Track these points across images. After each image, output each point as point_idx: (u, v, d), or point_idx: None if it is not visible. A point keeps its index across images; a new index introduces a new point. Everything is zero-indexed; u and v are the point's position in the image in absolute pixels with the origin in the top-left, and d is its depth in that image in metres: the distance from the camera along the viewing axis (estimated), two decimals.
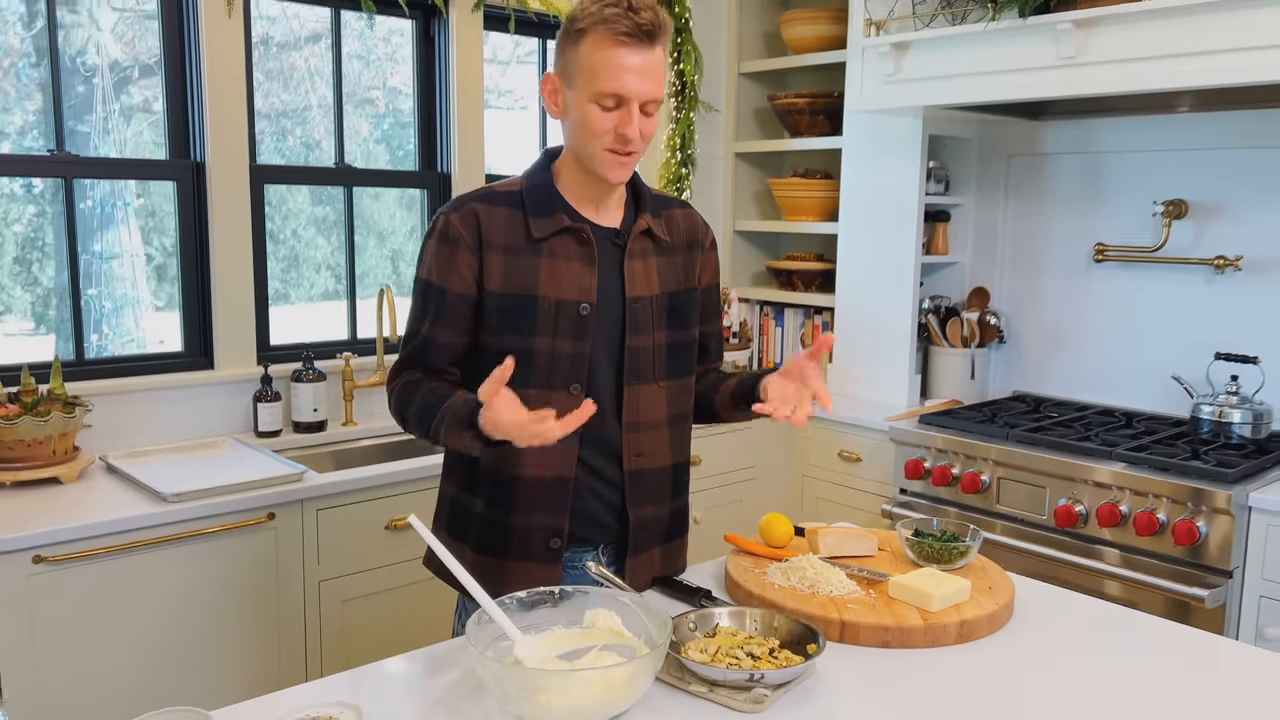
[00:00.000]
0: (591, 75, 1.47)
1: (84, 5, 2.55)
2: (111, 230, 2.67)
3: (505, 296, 1.54)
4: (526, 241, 1.55)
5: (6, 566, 1.92)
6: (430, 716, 1.22)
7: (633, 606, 1.35)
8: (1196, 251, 2.90)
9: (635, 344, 1.60)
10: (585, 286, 1.55)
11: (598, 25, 1.45)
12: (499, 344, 1.55)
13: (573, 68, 1.49)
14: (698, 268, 1.70)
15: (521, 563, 1.58)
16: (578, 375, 1.56)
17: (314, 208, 3.02)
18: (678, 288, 1.66)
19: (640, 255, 1.61)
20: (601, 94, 1.47)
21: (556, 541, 1.59)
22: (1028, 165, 3.26)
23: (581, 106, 1.49)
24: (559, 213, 1.56)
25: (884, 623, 1.44)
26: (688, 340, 1.68)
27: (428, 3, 2.99)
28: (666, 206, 1.69)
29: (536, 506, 1.58)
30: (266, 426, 2.69)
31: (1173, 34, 2.29)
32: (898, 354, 3.27)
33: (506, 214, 1.56)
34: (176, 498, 2.12)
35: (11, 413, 2.19)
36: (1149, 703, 1.29)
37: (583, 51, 1.47)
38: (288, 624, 2.29)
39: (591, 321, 1.56)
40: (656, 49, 1.48)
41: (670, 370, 1.65)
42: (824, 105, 3.56)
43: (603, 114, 1.48)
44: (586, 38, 1.47)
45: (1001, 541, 2.64)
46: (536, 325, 1.54)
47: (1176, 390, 2.91)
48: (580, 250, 1.56)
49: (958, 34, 2.64)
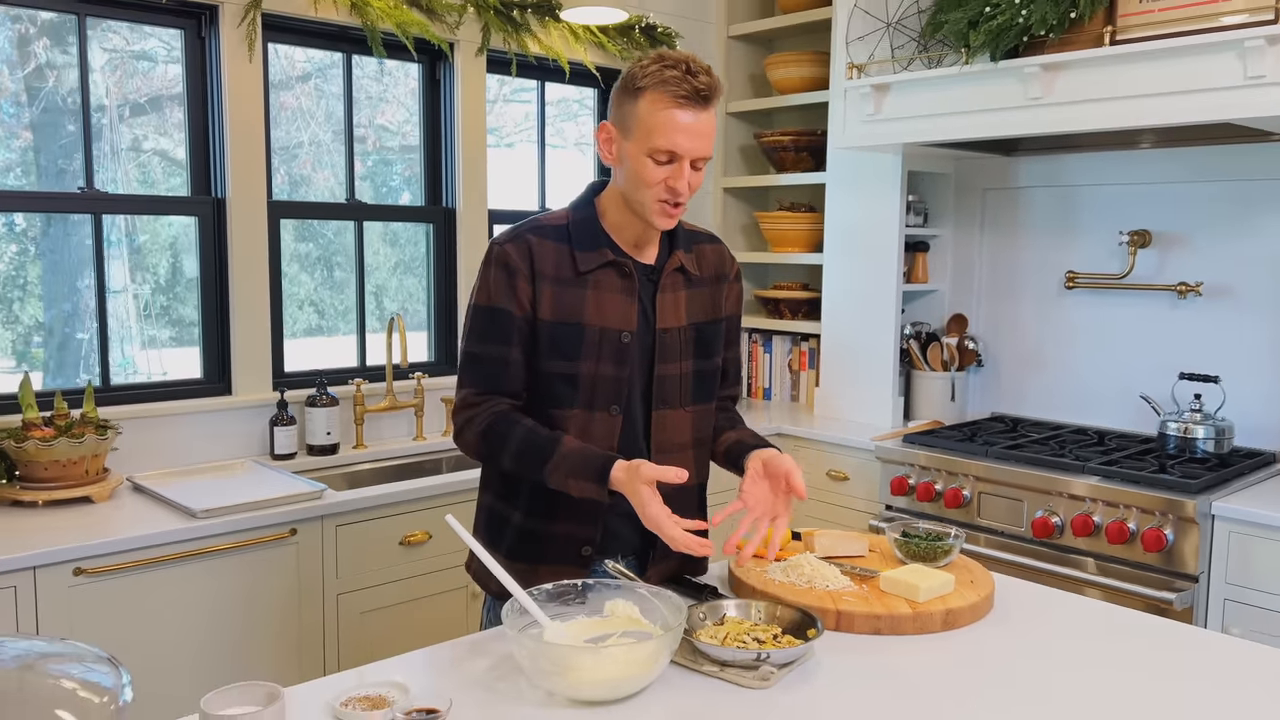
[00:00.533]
0: (649, 131, 1.58)
1: (76, 46, 2.69)
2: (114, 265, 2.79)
3: (555, 325, 1.65)
4: (574, 274, 1.66)
5: (49, 578, 2.04)
6: (469, 693, 1.35)
7: (649, 597, 1.49)
8: (1160, 278, 3.08)
9: (663, 372, 1.72)
10: (626, 316, 1.68)
11: (658, 86, 1.57)
12: (548, 367, 1.67)
13: (630, 121, 1.61)
14: (724, 298, 1.82)
15: (555, 567, 1.69)
16: (618, 398, 1.68)
17: (297, 244, 3.12)
18: (705, 319, 1.77)
19: (671, 289, 1.73)
20: (657, 150, 1.58)
21: (588, 549, 1.70)
22: (1002, 198, 3.45)
23: (637, 159, 1.60)
24: (603, 247, 1.68)
25: (876, 612, 1.58)
26: (713, 369, 1.80)
27: (434, 47, 3.16)
28: (697, 241, 1.80)
29: (572, 518, 1.69)
30: (282, 449, 2.81)
31: (1131, 77, 2.48)
32: (881, 378, 3.43)
33: (555, 247, 1.67)
34: (206, 514, 2.24)
35: (48, 435, 2.31)
36: (1119, 678, 1.44)
37: (642, 108, 1.59)
38: (309, 634, 2.40)
39: (633, 349, 1.68)
40: (710, 110, 1.61)
41: (695, 396, 1.77)
42: (808, 142, 3.75)
43: (656, 167, 1.59)
44: (645, 95, 1.58)
45: (983, 553, 2.80)
46: (582, 351, 1.66)
47: (1145, 409, 3.08)
48: (622, 283, 1.68)
49: (934, 76, 2.83)
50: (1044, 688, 1.40)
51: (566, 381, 1.66)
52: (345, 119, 3.11)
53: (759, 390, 3.97)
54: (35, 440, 2.28)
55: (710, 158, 1.65)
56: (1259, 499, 2.49)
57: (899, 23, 2.93)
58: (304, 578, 2.38)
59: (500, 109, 3.59)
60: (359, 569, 2.48)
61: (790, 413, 3.68)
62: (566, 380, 1.66)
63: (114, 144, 2.75)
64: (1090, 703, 1.36)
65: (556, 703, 1.33)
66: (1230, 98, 2.34)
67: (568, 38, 3.42)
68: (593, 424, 1.67)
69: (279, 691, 1.18)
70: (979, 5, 2.61)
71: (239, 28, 2.74)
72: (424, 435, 3.14)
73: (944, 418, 3.44)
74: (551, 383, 1.68)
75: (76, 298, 2.72)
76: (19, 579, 2.00)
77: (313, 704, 1.32)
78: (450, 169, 3.30)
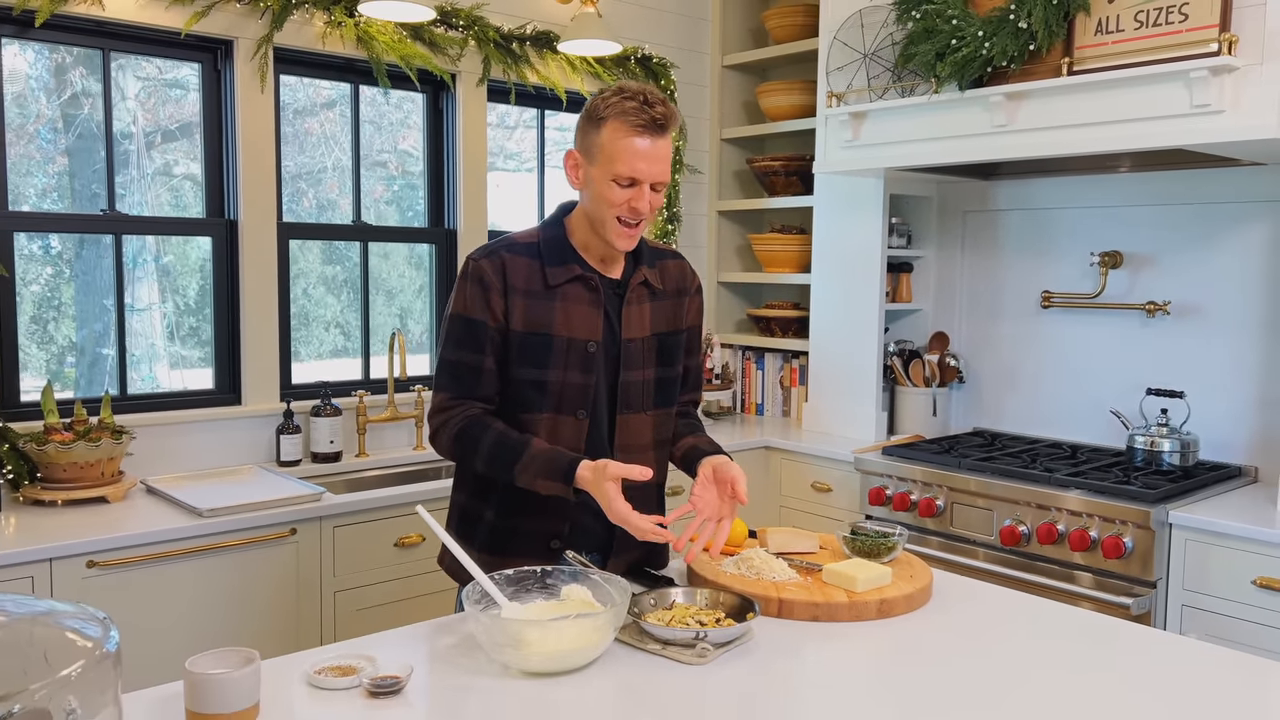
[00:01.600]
0: (610, 158, 1.73)
1: (111, 75, 2.90)
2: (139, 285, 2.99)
3: (526, 335, 1.78)
4: (544, 287, 1.80)
5: (64, 570, 2.20)
6: (433, 664, 1.50)
7: (602, 583, 1.62)
8: (1131, 297, 3.19)
9: (627, 379, 1.85)
10: (593, 327, 1.81)
11: (618, 116, 1.72)
12: (519, 374, 1.80)
13: (594, 149, 1.76)
14: (685, 310, 1.96)
15: (524, 559, 1.79)
16: (584, 403, 1.82)
17: (324, 267, 3.32)
18: (667, 329, 1.91)
19: (636, 302, 1.86)
20: (619, 176, 1.73)
21: (556, 543, 1.84)
22: (982, 221, 3.58)
23: (601, 183, 1.75)
24: (571, 263, 1.81)
25: (815, 600, 1.71)
26: (674, 376, 1.93)
27: (437, 78, 3.34)
28: (661, 257, 1.94)
29: (542, 514, 1.82)
30: (288, 456, 2.98)
31: (1088, 106, 2.61)
32: (865, 394, 3.55)
33: (526, 262, 1.80)
34: (211, 513, 2.40)
35: (67, 439, 2.49)
36: (1040, 663, 1.56)
37: (604, 137, 1.73)
38: (307, 628, 2.55)
39: (598, 357, 1.82)
40: (666, 138, 1.76)
41: (657, 401, 1.90)
42: (797, 167, 3.90)
43: (618, 190, 1.74)
44: (607, 125, 1.73)
45: (954, 560, 2.91)
46: (550, 360, 1.79)
47: (1116, 423, 3.19)
48: (589, 296, 1.81)
49: (906, 105, 2.98)
50: (968, 672, 1.52)
51: (536, 387, 1.80)
52: (352, 146, 3.30)
53: (751, 406, 4.10)
54: (55, 443, 2.46)
55: (667, 182, 1.79)
56: (1217, 509, 2.59)
57: (874, 54, 3.08)
58: (303, 575, 2.54)
59: (520, 135, 3.76)
60: (355, 568, 2.62)
61: (781, 427, 3.81)
62: (536, 386, 1.80)
63: (142, 169, 2.95)
64: (1010, 685, 1.48)
65: (510, 675, 1.46)
66: (1178, 125, 2.46)
67: (565, 69, 3.60)
68: (561, 427, 1.82)
69: (255, 656, 1.32)
70: (945, 38, 2.75)
71: (252, 61, 2.93)
72: (423, 445, 3.30)
73: (926, 432, 3.55)
74: (522, 388, 1.82)
75: (106, 317, 2.91)
76: (36, 570, 2.16)
77: (290, 672, 1.46)
78: (452, 192, 3.47)
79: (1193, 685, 1.48)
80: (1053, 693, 1.44)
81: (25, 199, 2.72)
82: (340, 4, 3.04)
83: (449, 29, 3.29)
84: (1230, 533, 2.48)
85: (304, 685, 1.42)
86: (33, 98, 2.74)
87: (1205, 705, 1.41)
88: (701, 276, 4.12)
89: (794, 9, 3.90)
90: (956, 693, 1.43)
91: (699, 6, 4.06)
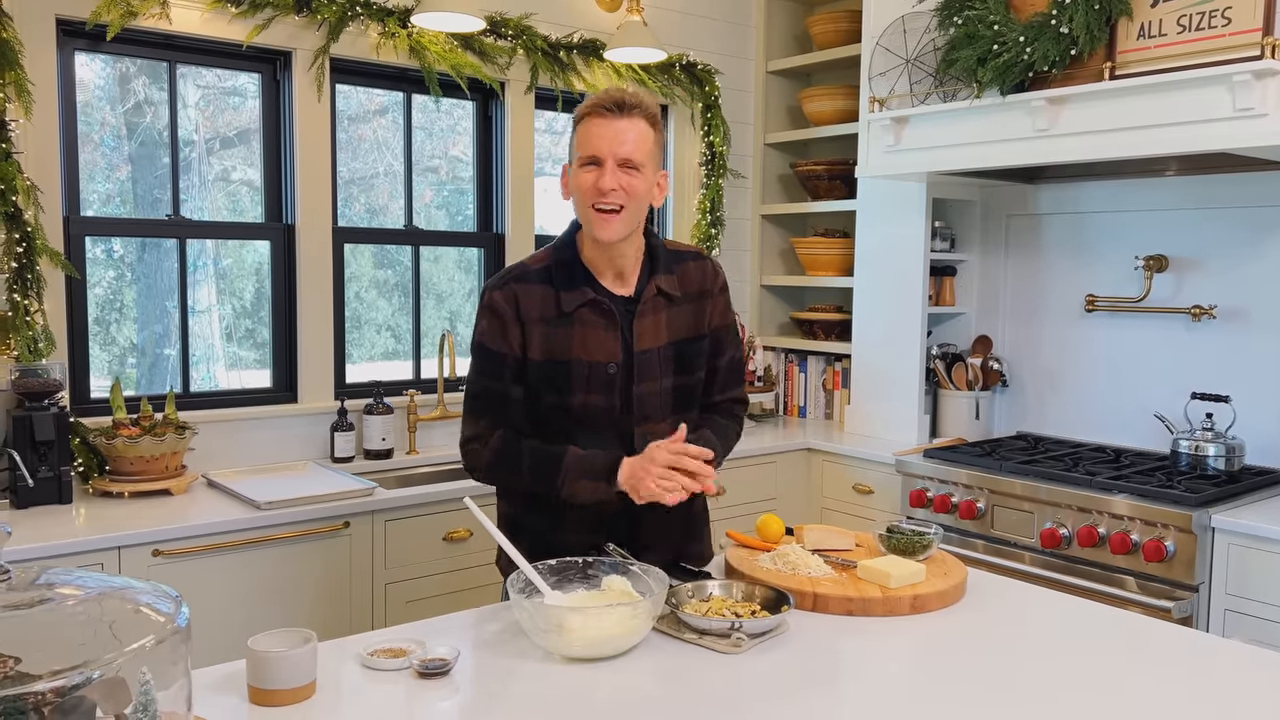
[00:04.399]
0: (579, 146, 1.78)
1: (176, 85, 3.02)
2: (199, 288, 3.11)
3: (545, 363, 1.81)
4: (558, 313, 1.81)
5: (132, 558, 2.31)
6: (479, 649, 1.57)
7: (641, 575, 1.68)
8: (1176, 301, 3.18)
9: (641, 390, 1.86)
10: (611, 349, 1.83)
11: (585, 109, 1.78)
12: (542, 401, 1.84)
13: (571, 150, 1.81)
14: (708, 312, 1.93)
15: None
16: (610, 421, 1.85)
17: (376, 271, 3.42)
18: (686, 335, 1.90)
19: (651, 313, 1.85)
20: (583, 159, 1.76)
21: (593, 554, 1.86)
22: (1025, 225, 3.58)
23: (578, 175, 1.78)
24: (583, 286, 1.82)
25: (849, 594, 1.75)
26: (694, 382, 1.93)
27: (486, 87, 3.43)
28: (680, 260, 1.91)
29: (583, 528, 1.88)
30: (341, 453, 3.08)
31: (1130, 110, 2.62)
32: (908, 397, 3.57)
33: (540, 290, 1.82)
34: (269, 505, 2.50)
35: (134, 434, 2.61)
36: (1075, 662, 1.59)
37: (576, 132, 1.80)
38: (358, 619, 2.64)
39: (619, 378, 1.84)
40: (635, 120, 1.76)
41: (676, 408, 1.91)
42: (840, 171, 3.93)
43: (585, 174, 1.76)
44: (578, 123, 1.79)
45: (994, 562, 2.92)
46: (572, 385, 1.82)
47: (1161, 428, 3.17)
48: (603, 319, 1.82)
49: (948, 110, 3.00)
50: (1001, 667, 1.56)
51: (560, 411, 1.85)
52: (405, 152, 3.40)
53: (794, 408, 4.14)
54: (123, 438, 2.58)
55: (638, 164, 1.75)
56: (1261, 514, 2.58)
57: (917, 59, 3.10)
58: (355, 567, 2.63)
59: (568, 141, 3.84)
60: (405, 561, 2.71)
61: (824, 430, 3.84)
62: (560, 410, 1.85)
63: (202, 174, 3.08)
64: (1043, 682, 1.51)
65: (552, 660, 1.53)
66: (1221, 129, 2.46)
67: (611, 76, 3.66)
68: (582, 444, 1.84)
69: (313, 636, 1.40)
70: (987, 43, 2.78)
71: (309, 71, 3.04)
72: None
73: (969, 436, 3.56)
74: (548, 413, 1.86)
75: (167, 319, 3.04)
76: (105, 557, 2.28)
77: (345, 653, 1.54)
78: (500, 198, 3.56)
79: (1233, 687, 1.49)
80: (1087, 690, 1.47)
81: (90, 204, 2.85)
82: (394, 16, 3.14)
83: (498, 38, 3.38)
84: (1275, 537, 2.47)
85: (358, 665, 1.50)
86: (98, 106, 2.87)
87: (1244, 707, 1.43)
88: (745, 280, 4.18)
89: (838, 15, 3.94)
90: (989, 688, 1.47)
91: (743, 13, 4.11)
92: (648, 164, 1.79)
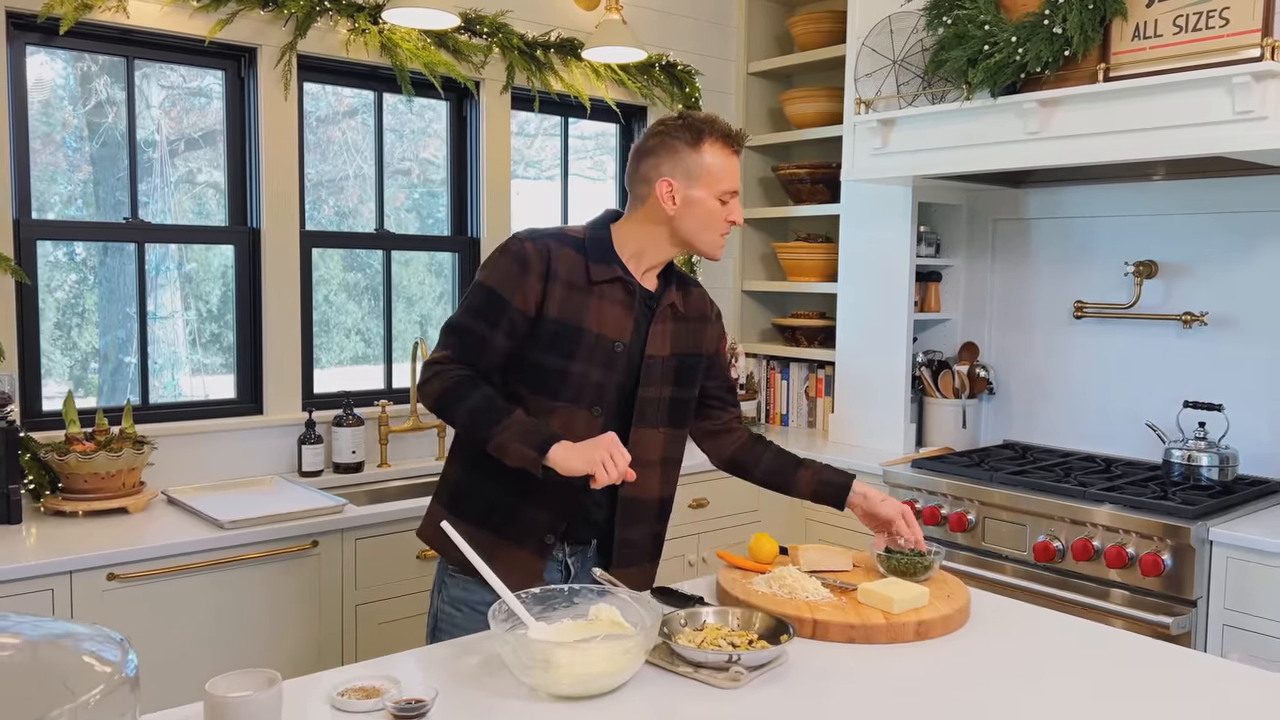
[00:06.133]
0: (717, 179, 1.84)
1: (135, 83, 2.89)
2: (162, 292, 2.97)
3: (560, 323, 1.81)
4: (585, 281, 1.83)
5: (84, 582, 2.17)
6: (458, 687, 1.46)
7: (631, 603, 1.58)
8: (1166, 308, 3.13)
9: (645, 394, 1.89)
10: (623, 329, 1.85)
11: (717, 140, 1.84)
12: (541, 360, 1.82)
13: (697, 171, 1.83)
14: (706, 337, 2.01)
15: (515, 551, 1.84)
16: (600, 399, 1.84)
17: (345, 274, 3.30)
18: (687, 351, 1.96)
19: (663, 320, 1.91)
20: (725, 192, 1.85)
21: (551, 538, 1.85)
22: (1012, 229, 3.52)
23: (707, 202, 1.84)
24: (614, 264, 1.86)
25: (850, 621, 1.66)
26: (689, 398, 1.99)
27: (461, 86, 3.32)
28: (685, 283, 2.00)
29: (544, 504, 1.84)
30: (310, 467, 2.95)
31: (1125, 112, 2.55)
32: (893, 405, 3.50)
33: (572, 254, 1.84)
34: (233, 524, 2.37)
35: (88, 449, 2.47)
36: (1086, 690, 1.50)
37: (707, 160, 1.83)
38: (328, 642, 2.52)
39: (622, 358, 1.85)
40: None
41: (671, 420, 1.95)
42: (823, 175, 3.85)
43: (722, 208, 1.85)
44: (707, 149, 1.83)
45: (985, 576, 2.84)
46: (577, 351, 1.82)
47: (1151, 437, 3.11)
48: (625, 298, 1.86)
49: (937, 112, 2.92)
50: (1009, 697, 1.47)
51: (558, 376, 1.82)
52: (376, 153, 3.28)
53: (776, 416, 4.05)
54: (76, 454, 2.44)
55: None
56: (1259, 526, 2.52)
57: (904, 60, 3.03)
58: (324, 588, 2.50)
59: (541, 143, 3.74)
60: (377, 581, 2.59)
61: (807, 438, 3.75)
62: (558, 375, 1.82)
63: (165, 176, 2.94)
64: (1053, 712, 1.42)
65: (538, 698, 1.42)
66: (1220, 132, 2.40)
67: (589, 76, 3.56)
68: (575, 420, 1.83)
69: (277, 677, 1.29)
70: (978, 44, 2.70)
71: (275, 69, 2.91)
72: (446, 455, 3.26)
73: (955, 444, 3.49)
74: (544, 376, 1.83)
75: (130, 324, 2.90)
76: (56, 582, 2.14)
77: (312, 693, 1.42)
78: (475, 201, 3.45)
79: (1239, 711, 1.42)
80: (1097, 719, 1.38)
81: (50, 206, 2.71)
82: (364, 11, 3.02)
83: (473, 36, 3.27)
84: (1274, 550, 2.41)
85: (326, 707, 1.38)
86: (58, 106, 2.73)
87: None
88: (726, 286, 4.09)
89: (820, 15, 3.86)
90: (998, 719, 1.38)
91: (724, 13, 4.02)
92: None
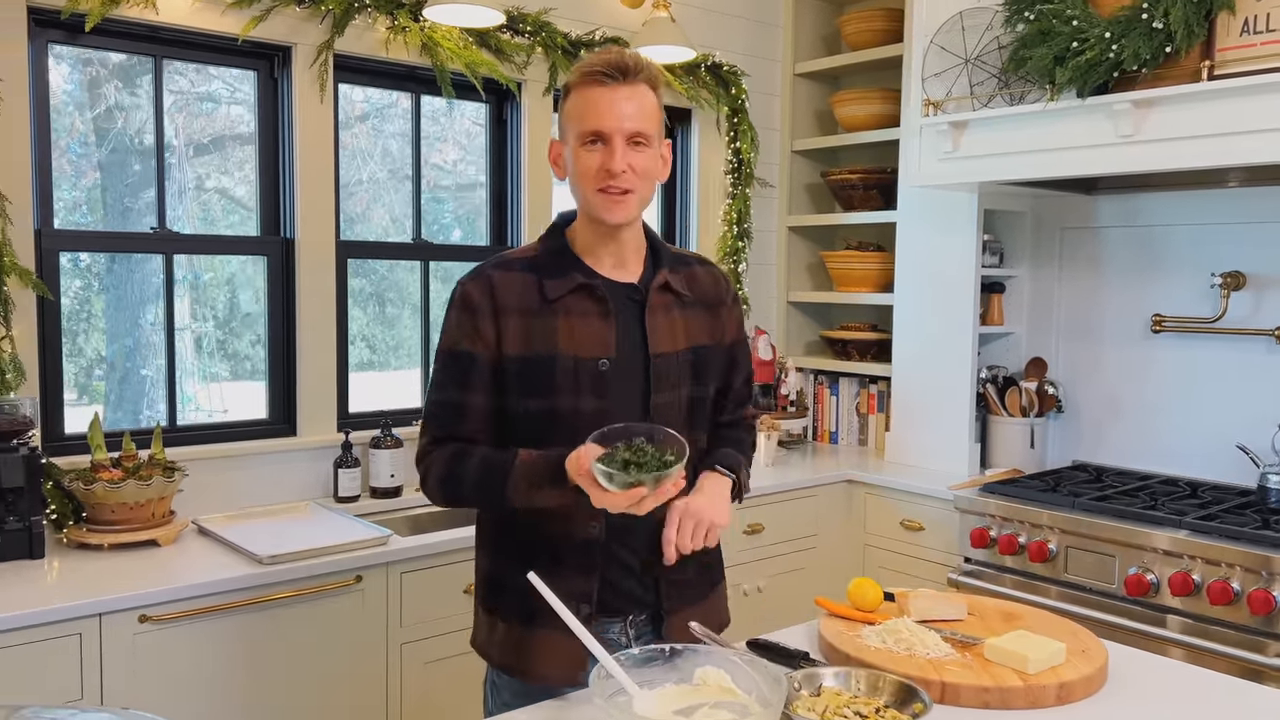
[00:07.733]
0: (576, 120, 1.54)
1: (151, 88, 2.71)
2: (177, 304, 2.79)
3: (525, 359, 1.56)
4: (541, 303, 1.57)
5: (114, 626, 1.99)
6: None
7: (741, 664, 1.39)
8: (1255, 322, 2.94)
9: (660, 401, 1.60)
10: (603, 342, 1.57)
11: (577, 76, 1.55)
12: (523, 406, 1.57)
13: (564, 122, 1.57)
14: (723, 323, 1.72)
15: (550, 634, 1.55)
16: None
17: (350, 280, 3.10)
18: (705, 342, 1.68)
19: (663, 309, 1.63)
20: (584, 134, 1.53)
21: (585, 609, 1.58)
22: (1081, 238, 3.33)
23: (574, 154, 1.55)
24: (572, 272, 1.59)
25: (984, 684, 1.47)
26: (706, 395, 1.70)
27: (501, 87, 3.14)
28: (685, 263, 1.71)
29: (566, 567, 1.58)
30: (346, 492, 2.77)
31: (1229, 113, 2.37)
32: (957, 423, 3.31)
33: (521, 278, 1.59)
34: (272, 560, 2.19)
35: (116, 477, 2.29)
36: None
37: (569, 104, 1.56)
38: (370, 686, 2.33)
39: (610, 377, 1.57)
40: (638, 85, 1.53)
41: (690, 424, 1.65)
42: (876, 180, 3.67)
43: (588, 154, 1.53)
44: (570, 91, 1.56)
45: (1070, 610, 2.65)
46: (556, 384, 1.56)
47: (1239, 459, 2.92)
48: (596, 308, 1.58)
49: (1016, 113, 2.74)
50: None
51: (545, 419, 1.57)
52: (413, 158, 3.10)
53: (825, 434, 3.87)
54: (104, 482, 2.26)
55: (648, 135, 1.55)
56: None
57: (978, 59, 2.85)
58: (369, 626, 2.32)
59: None
60: (423, 617, 2.41)
61: (859, 458, 3.57)
62: (545, 417, 1.56)
63: (181, 183, 2.76)
64: None
65: None
66: None
67: None
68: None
69: None
70: (1065, 40, 2.52)
71: (311, 69, 2.74)
72: None
73: (1023, 466, 3.30)
74: (531, 423, 1.58)
75: (138, 333, 2.72)
76: (85, 626, 1.96)
77: None
78: (516, 207, 3.27)
79: None
80: None
81: (54, 213, 2.54)
82: (404, 8, 2.84)
83: (515, 35, 3.09)
84: None
85: None
86: (65, 111, 2.56)
87: None
88: (771, 296, 3.91)
89: (872, 14, 3.68)
90: None
91: (770, 11, 3.85)
92: (655, 135, 1.57)
